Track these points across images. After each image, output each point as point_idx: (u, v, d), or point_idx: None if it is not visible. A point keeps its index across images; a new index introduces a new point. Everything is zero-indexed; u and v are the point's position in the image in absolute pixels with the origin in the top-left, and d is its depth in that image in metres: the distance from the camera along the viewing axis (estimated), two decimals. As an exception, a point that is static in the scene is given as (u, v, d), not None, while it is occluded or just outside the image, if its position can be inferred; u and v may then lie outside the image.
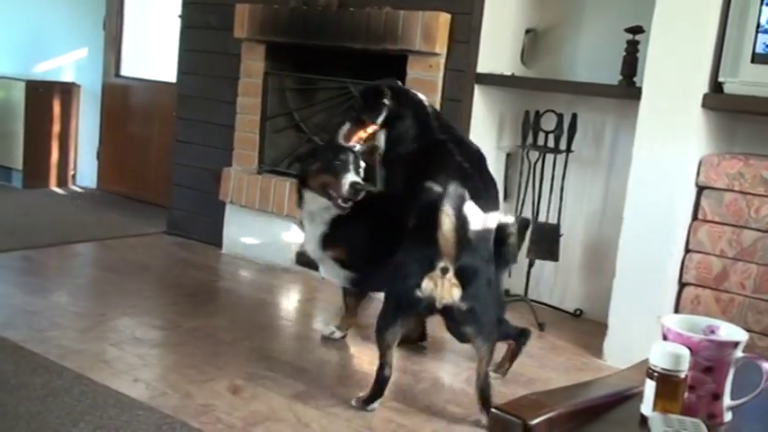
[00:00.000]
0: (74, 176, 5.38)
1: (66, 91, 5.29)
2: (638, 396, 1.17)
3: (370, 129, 2.63)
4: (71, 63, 5.38)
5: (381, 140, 2.65)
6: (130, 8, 5.12)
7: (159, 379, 2.43)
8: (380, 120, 2.59)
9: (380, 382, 2.33)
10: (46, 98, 5.18)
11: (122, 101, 5.15)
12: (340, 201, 2.60)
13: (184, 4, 4.19)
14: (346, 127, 2.66)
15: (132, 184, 5.09)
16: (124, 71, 5.16)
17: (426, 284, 2.20)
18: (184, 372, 2.49)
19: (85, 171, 5.35)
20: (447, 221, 2.15)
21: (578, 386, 1.36)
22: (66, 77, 5.38)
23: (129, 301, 3.13)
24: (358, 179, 2.61)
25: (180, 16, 4.29)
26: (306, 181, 2.70)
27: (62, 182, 5.31)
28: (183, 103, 4.19)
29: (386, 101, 2.58)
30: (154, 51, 5.05)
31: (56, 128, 5.24)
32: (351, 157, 2.64)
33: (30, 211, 4.57)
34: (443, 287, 2.20)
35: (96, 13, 5.18)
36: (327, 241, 2.73)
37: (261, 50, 3.83)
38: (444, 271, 2.19)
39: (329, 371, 2.64)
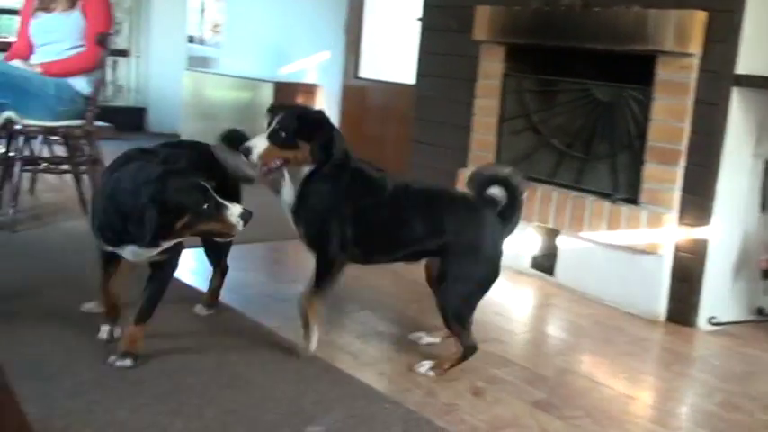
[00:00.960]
0: (313, 173, 5.68)
1: (309, 92, 5.60)
2: None
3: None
4: (314, 65, 5.68)
5: None
6: (370, 12, 5.32)
7: (403, 374, 2.50)
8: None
9: None
10: (291, 98, 5.51)
11: (360, 101, 5.37)
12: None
13: (425, 8, 4.28)
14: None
15: (367, 182, 5.28)
16: (363, 73, 5.37)
17: None
18: (427, 368, 2.54)
19: (324, 168, 5.62)
20: None
21: None
22: (310, 79, 5.69)
23: (370, 296, 3.25)
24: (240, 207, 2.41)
25: (420, 19, 4.39)
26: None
27: (303, 178, 5.62)
28: (420, 105, 4.29)
29: None
30: (392, 54, 5.21)
31: (299, 127, 5.55)
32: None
33: (275, 205, 4.87)
34: None
35: (338, 18, 5.44)
36: None
37: (500, 52, 3.84)
38: None
39: (570, 381, 2.59)
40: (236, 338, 2.66)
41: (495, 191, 2.54)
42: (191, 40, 8.09)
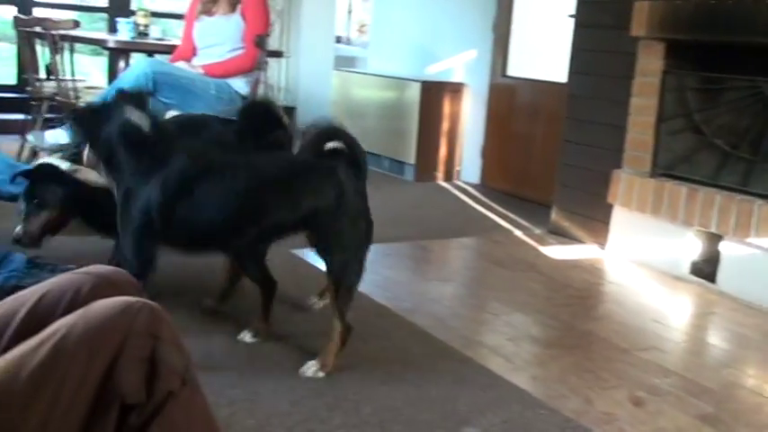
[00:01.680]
0: (459, 172, 5.67)
1: (456, 90, 5.58)
2: None
3: None
4: (460, 64, 5.66)
5: None
6: (519, 9, 5.24)
7: (557, 380, 2.44)
8: None
9: None
10: (437, 97, 5.51)
11: (508, 100, 5.30)
12: None
13: (579, 3, 4.17)
14: None
15: (515, 182, 5.22)
16: (511, 71, 5.29)
17: None
18: (582, 375, 2.47)
19: (470, 167, 5.60)
20: None
21: None
22: (456, 78, 5.67)
23: (520, 298, 3.20)
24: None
25: (572, 16, 4.28)
26: None
27: (449, 177, 5.62)
28: (572, 103, 4.19)
29: None
30: (541, 51, 5.11)
31: (445, 126, 5.56)
32: None
33: (420, 204, 4.90)
34: None
35: (486, 16, 5.38)
36: None
37: (660, 48, 3.68)
38: None
39: (738, 395, 2.45)
40: (389, 337, 2.67)
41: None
42: (338, 40, 8.26)
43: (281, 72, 7.59)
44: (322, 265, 2.40)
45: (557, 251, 3.94)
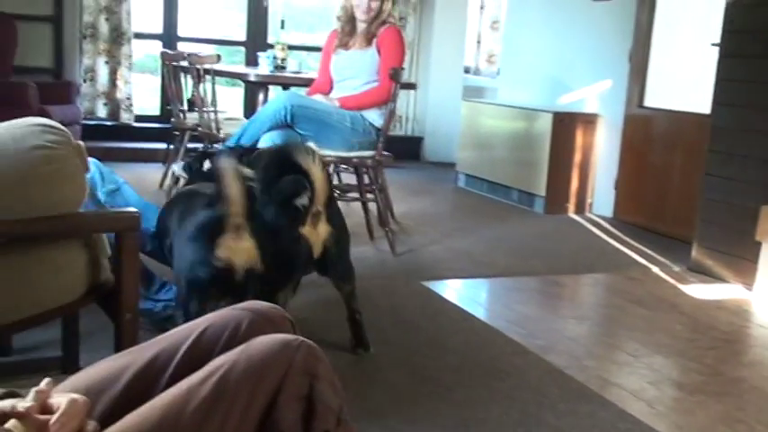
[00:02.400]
0: (591, 205, 5.53)
1: (589, 121, 5.46)
2: None
3: None
4: (594, 94, 5.54)
5: None
6: (658, 38, 5.08)
7: (705, 430, 2.31)
8: None
9: None
10: (569, 128, 5.41)
11: (644, 131, 5.14)
12: None
13: (724, 33, 4.00)
14: None
15: (650, 216, 5.04)
16: (648, 101, 5.14)
17: None
18: (733, 426, 2.33)
19: (603, 200, 5.45)
20: None
21: None
22: (589, 108, 5.55)
23: (660, 339, 3.07)
24: None
25: (716, 44, 4.12)
26: None
27: (580, 209, 5.49)
28: (716, 135, 4.01)
29: None
30: (681, 81, 4.94)
31: (577, 157, 5.44)
32: None
33: (551, 237, 4.80)
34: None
35: (622, 45, 5.26)
36: None
37: (815, 78, 3.48)
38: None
39: None
40: (523, 375, 2.61)
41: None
42: (466, 70, 8.27)
43: (408, 103, 7.68)
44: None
45: (699, 290, 3.76)
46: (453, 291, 3.53)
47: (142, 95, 7.16)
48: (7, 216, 1.65)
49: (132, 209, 1.84)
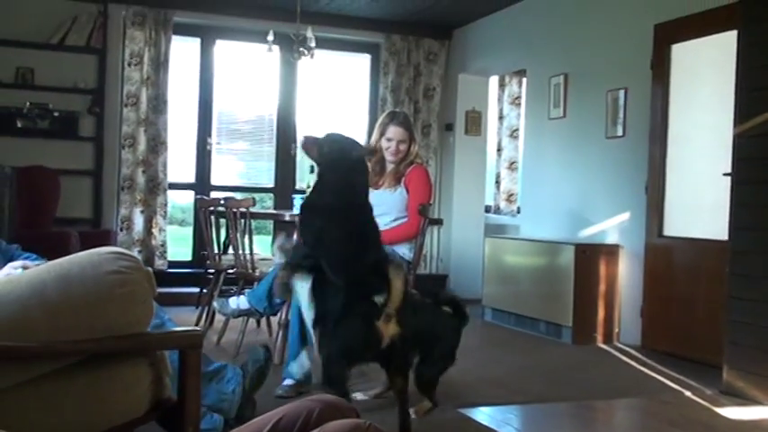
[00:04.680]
0: (618, 334, 5.59)
1: (611, 252, 5.62)
2: None
3: None
4: (614, 226, 5.73)
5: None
6: (672, 170, 5.31)
7: None
8: None
9: None
10: (592, 260, 5.57)
11: (665, 260, 5.28)
12: None
13: (734, 162, 4.22)
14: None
15: (677, 342, 5.09)
16: (667, 231, 5.30)
17: None
18: None
19: (630, 329, 5.52)
20: None
21: None
22: (611, 240, 5.72)
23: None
24: None
25: (728, 174, 4.32)
26: None
27: (608, 338, 5.56)
28: (736, 259, 4.14)
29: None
30: (698, 210, 5.12)
31: (601, 287, 5.57)
32: None
33: (581, 365, 4.85)
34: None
35: (638, 178, 5.49)
36: None
37: (825, 201, 3.64)
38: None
39: None
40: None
41: None
42: (487, 209, 8.54)
43: (433, 242, 7.91)
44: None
45: (733, 412, 3.78)
46: (489, 416, 3.58)
47: (171, 244, 7.43)
48: (85, 335, 1.80)
49: (196, 327, 1.98)
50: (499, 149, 8.88)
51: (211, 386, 2.97)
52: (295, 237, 4.85)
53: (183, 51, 7.39)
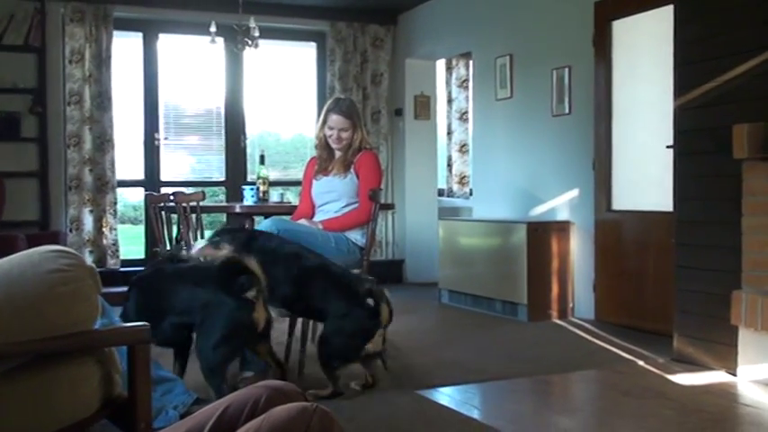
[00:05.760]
0: (573, 309, 5.67)
1: (562, 229, 5.69)
2: None
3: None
4: (564, 203, 5.80)
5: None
6: (618, 146, 5.39)
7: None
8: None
9: None
10: (544, 237, 5.63)
11: (615, 233, 5.36)
12: None
13: (676, 134, 4.30)
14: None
15: (629, 314, 5.19)
16: (615, 205, 5.39)
17: None
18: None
19: (583, 303, 5.61)
20: None
21: None
22: (561, 217, 5.80)
23: (651, 425, 3.15)
24: None
25: (670, 146, 4.41)
26: None
27: (562, 314, 5.63)
28: (682, 229, 4.23)
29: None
30: (644, 183, 5.20)
31: (554, 264, 5.64)
32: None
33: (537, 342, 4.91)
34: None
35: (585, 155, 5.56)
36: None
37: (765, 167, 3.73)
38: None
39: None
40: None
41: None
42: (440, 193, 8.58)
43: (387, 227, 7.92)
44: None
45: (684, 378, 3.87)
46: (447, 396, 3.61)
47: (123, 243, 7.33)
48: (28, 336, 1.77)
49: (143, 323, 1.96)
50: (449, 133, 8.92)
51: (156, 392, 2.93)
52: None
53: (125, 47, 7.26)
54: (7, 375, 1.76)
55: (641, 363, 4.21)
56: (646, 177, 5.20)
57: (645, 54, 5.22)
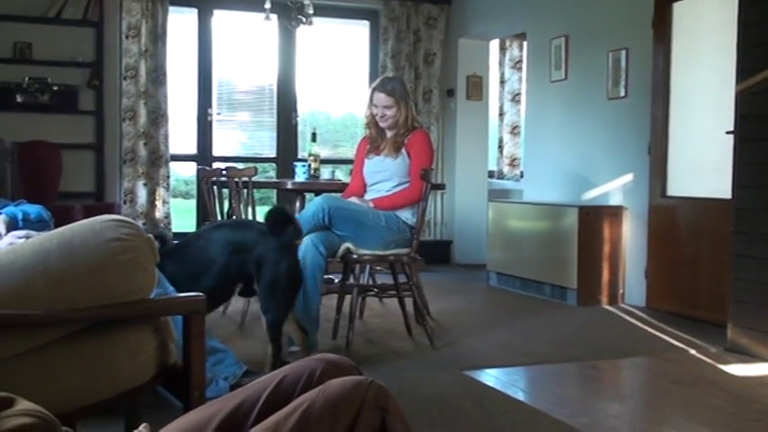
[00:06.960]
0: (623, 295, 5.60)
1: (614, 214, 5.61)
2: None
3: None
4: (617, 187, 5.72)
5: None
6: (675, 130, 5.28)
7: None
8: None
9: None
10: (596, 222, 5.56)
11: (669, 220, 5.27)
12: None
13: (737, 119, 4.19)
14: None
15: (682, 302, 5.10)
16: (670, 191, 5.29)
17: None
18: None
19: (634, 290, 5.53)
20: None
21: None
22: (614, 201, 5.71)
23: (703, 414, 3.10)
24: None
25: (730, 132, 4.30)
26: None
27: (612, 300, 5.57)
28: (739, 217, 4.13)
29: None
30: (701, 169, 5.10)
31: (606, 249, 5.57)
32: None
33: (586, 327, 4.87)
34: None
35: (640, 139, 5.47)
36: None
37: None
38: None
39: None
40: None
41: None
42: (490, 174, 8.53)
43: (436, 208, 7.90)
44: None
45: (737, 369, 3.80)
46: (494, 378, 3.60)
47: (175, 216, 7.44)
48: (89, 302, 1.81)
49: (199, 294, 1.99)
50: (501, 114, 8.85)
51: (208, 362, 2.98)
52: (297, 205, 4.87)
53: (180, 23, 7.34)
54: (69, 340, 1.80)
55: (693, 351, 4.14)
56: (703, 163, 5.09)
57: (705, 37, 5.09)
